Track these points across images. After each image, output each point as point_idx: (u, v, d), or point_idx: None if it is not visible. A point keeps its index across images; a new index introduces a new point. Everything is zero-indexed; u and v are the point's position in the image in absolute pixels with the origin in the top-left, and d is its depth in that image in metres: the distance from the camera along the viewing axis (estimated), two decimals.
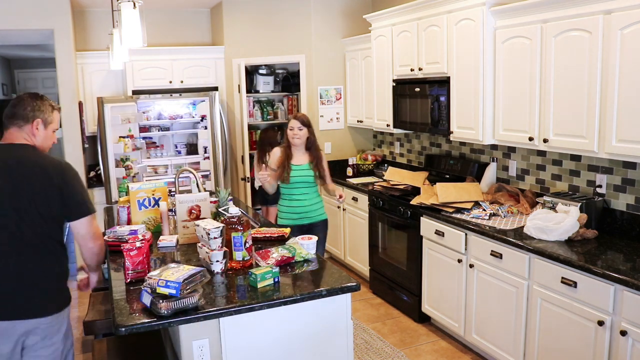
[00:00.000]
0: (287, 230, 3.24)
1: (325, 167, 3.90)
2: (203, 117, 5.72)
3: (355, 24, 5.70)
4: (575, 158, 3.50)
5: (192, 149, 6.02)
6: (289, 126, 3.81)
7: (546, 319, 2.99)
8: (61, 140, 5.48)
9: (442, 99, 4.10)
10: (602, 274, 2.61)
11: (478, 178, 4.22)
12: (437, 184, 4.04)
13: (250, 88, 6.26)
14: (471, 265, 3.53)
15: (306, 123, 3.80)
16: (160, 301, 2.11)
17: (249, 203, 5.69)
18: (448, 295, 3.81)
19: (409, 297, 4.30)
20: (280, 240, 3.10)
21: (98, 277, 2.70)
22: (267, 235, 3.17)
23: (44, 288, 2.28)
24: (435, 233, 3.85)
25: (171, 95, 5.68)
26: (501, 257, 3.27)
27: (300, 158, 3.84)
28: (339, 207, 5.38)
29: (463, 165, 4.42)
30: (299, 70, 5.81)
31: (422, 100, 4.35)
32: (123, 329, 2.07)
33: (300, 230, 3.67)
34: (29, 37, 6.43)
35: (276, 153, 3.88)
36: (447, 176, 4.54)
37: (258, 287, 2.38)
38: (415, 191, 4.35)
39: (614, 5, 2.78)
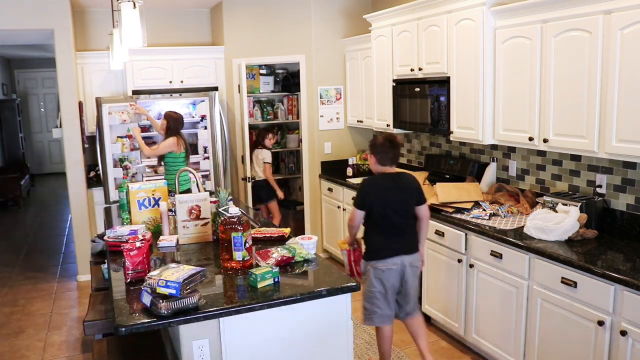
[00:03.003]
0: (287, 230, 3.24)
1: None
2: (203, 117, 5.72)
3: (355, 24, 5.70)
4: (575, 158, 3.50)
5: (192, 149, 6.01)
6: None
7: (546, 319, 2.99)
8: (61, 141, 5.47)
9: (442, 99, 4.10)
10: (602, 274, 2.61)
11: (478, 178, 4.22)
12: (437, 184, 4.04)
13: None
14: (471, 265, 3.53)
15: (169, 117, 5.02)
16: (160, 301, 2.11)
17: (249, 203, 5.69)
18: (448, 295, 3.81)
19: None
20: (280, 240, 3.10)
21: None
22: (267, 235, 3.17)
23: None
24: (435, 233, 3.85)
25: (171, 95, 5.68)
26: (501, 257, 3.27)
27: None
28: (339, 207, 5.38)
29: (463, 165, 4.42)
30: (299, 70, 5.81)
31: (422, 100, 4.35)
32: (123, 329, 2.07)
33: None
34: (29, 37, 6.44)
35: None
36: (447, 176, 4.53)
37: (258, 287, 2.38)
38: None
39: (614, 5, 2.78)
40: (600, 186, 3.34)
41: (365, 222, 3.32)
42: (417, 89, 4.38)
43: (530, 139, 3.39)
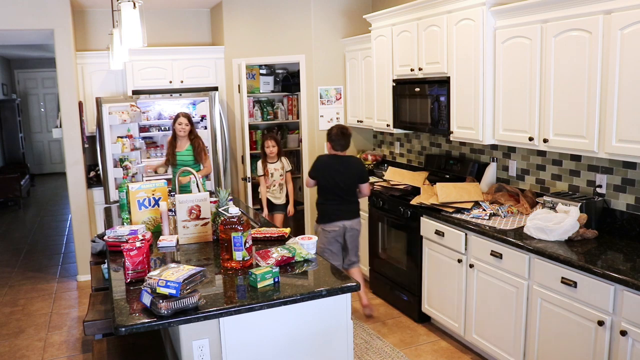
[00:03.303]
0: (287, 230, 3.24)
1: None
2: (203, 117, 5.72)
3: (355, 24, 5.70)
4: (575, 158, 3.50)
5: None
6: (178, 121, 4.99)
7: (546, 319, 2.99)
8: (61, 141, 5.47)
9: (442, 99, 4.10)
10: (602, 274, 2.61)
11: (478, 178, 4.22)
12: (437, 184, 4.04)
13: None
14: (471, 265, 3.53)
15: (191, 120, 5.03)
16: (160, 301, 2.11)
17: (249, 203, 5.68)
18: (448, 295, 3.81)
19: (409, 297, 4.31)
20: (280, 240, 3.10)
21: None
22: (267, 235, 3.17)
23: None
24: (435, 233, 3.85)
25: (171, 95, 5.68)
26: (501, 257, 3.27)
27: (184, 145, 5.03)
28: None
29: (463, 165, 4.42)
30: (299, 70, 5.81)
31: (422, 100, 4.35)
32: (123, 329, 2.07)
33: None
34: (29, 37, 6.44)
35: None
36: (447, 176, 4.54)
37: (258, 287, 2.38)
38: (415, 191, 4.35)
39: (614, 5, 2.78)
40: (600, 186, 3.34)
41: (317, 192, 4.25)
42: (417, 89, 4.38)
43: (530, 139, 3.39)
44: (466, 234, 3.57)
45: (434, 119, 4.21)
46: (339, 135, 4.13)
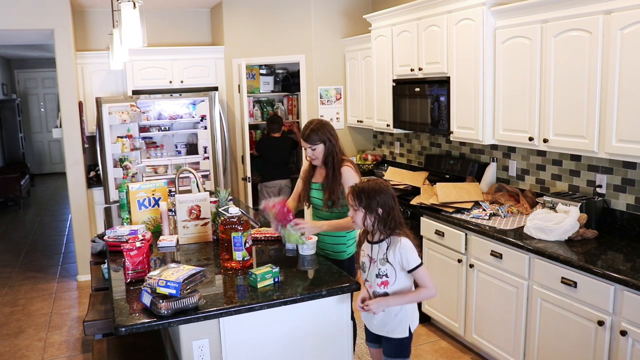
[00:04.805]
0: None
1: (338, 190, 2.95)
2: (203, 117, 5.72)
3: (355, 24, 5.70)
4: (575, 158, 3.50)
5: (192, 149, 6.02)
6: (303, 146, 3.03)
7: (546, 319, 2.99)
8: (61, 141, 5.47)
9: (442, 99, 4.10)
10: (602, 274, 2.61)
11: (478, 178, 4.22)
12: (437, 184, 4.04)
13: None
14: (471, 265, 3.53)
15: (323, 138, 2.94)
16: (160, 301, 2.11)
17: (249, 203, 5.69)
18: (448, 295, 3.81)
19: None
20: (280, 240, 3.10)
21: None
22: (267, 235, 3.17)
23: None
24: (435, 233, 3.85)
25: (171, 95, 5.68)
26: (501, 257, 3.27)
27: (318, 175, 3.06)
28: None
29: (463, 165, 4.42)
30: (299, 70, 5.81)
31: (422, 100, 4.35)
32: (123, 329, 2.07)
33: None
34: (29, 37, 6.44)
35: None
36: (447, 176, 4.53)
37: (258, 287, 2.38)
38: (415, 191, 4.35)
39: (614, 5, 2.78)
40: (600, 186, 3.34)
41: (262, 160, 5.81)
42: (417, 89, 4.38)
43: (530, 139, 3.39)
44: (466, 234, 3.57)
45: (434, 119, 4.21)
46: (271, 121, 5.82)
